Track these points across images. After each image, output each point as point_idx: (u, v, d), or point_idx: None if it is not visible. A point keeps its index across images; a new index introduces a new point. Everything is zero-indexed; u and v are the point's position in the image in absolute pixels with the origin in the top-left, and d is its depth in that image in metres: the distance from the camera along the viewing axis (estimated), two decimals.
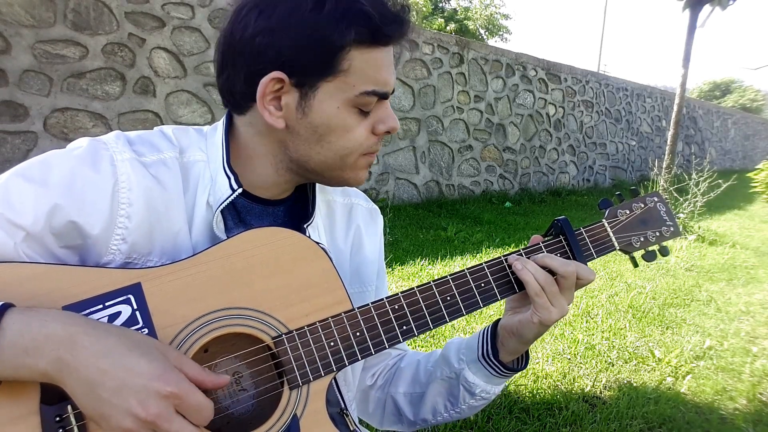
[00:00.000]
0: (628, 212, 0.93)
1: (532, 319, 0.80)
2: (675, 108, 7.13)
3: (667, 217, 0.95)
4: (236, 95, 0.76)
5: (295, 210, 0.87)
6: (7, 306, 0.57)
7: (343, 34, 0.68)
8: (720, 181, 6.23)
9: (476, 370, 0.88)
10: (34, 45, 4.03)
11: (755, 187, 8.69)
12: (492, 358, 0.87)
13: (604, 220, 0.92)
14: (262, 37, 0.70)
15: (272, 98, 0.73)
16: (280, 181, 0.81)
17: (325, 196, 0.91)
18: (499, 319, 0.89)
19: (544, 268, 0.81)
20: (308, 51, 0.69)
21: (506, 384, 2.41)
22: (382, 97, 0.75)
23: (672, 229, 0.94)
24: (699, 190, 6.22)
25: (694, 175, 6.37)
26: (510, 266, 0.84)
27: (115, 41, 4.44)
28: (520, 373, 2.55)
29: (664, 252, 0.94)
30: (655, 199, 0.96)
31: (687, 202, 6.20)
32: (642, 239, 0.93)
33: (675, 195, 6.37)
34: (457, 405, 0.91)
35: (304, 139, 0.75)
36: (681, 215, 6.12)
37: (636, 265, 0.95)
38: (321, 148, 0.75)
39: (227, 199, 0.75)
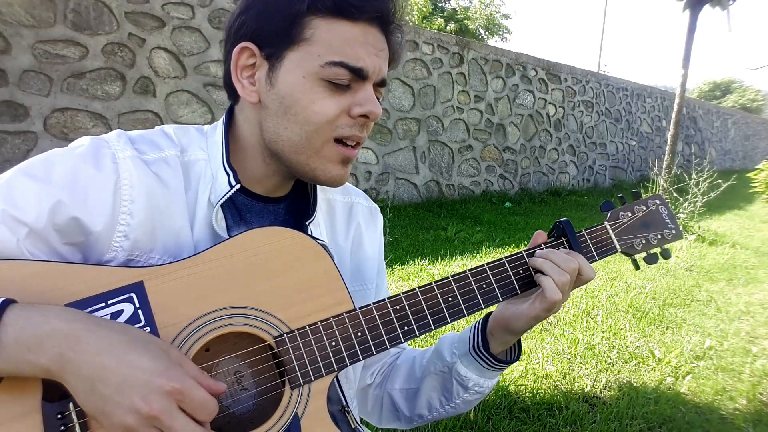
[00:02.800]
0: (630, 215, 0.93)
1: (530, 313, 0.81)
2: (675, 108, 7.14)
3: (669, 220, 0.95)
4: (227, 79, 0.78)
5: (295, 207, 0.87)
6: (9, 302, 0.57)
7: (298, 1, 0.70)
8: (720, 181, 6.23)
9: (468, 363, 0.88)
10: (34, 45, 4.03)
11: (755, 187, 8.69)
12: (483, 351, 0.87)
13: (606, 222, 0.92)
14: (239, 16, 0.75)
15: (248, 74, 0.75)
16: (269, 172, 0.81)
17: (325, 194, 0.92)
18: (490, 312, 0.89)
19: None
20: (270, 20, 0.71)
21: (500, 378, 2.41)
22: (357, 74, 0.71)
23: (674, 232, 0.94)
24: (699, 190, 6.22)
25: (694, 175, 6.37)
26: (513, 265, 0.84)
27: (115, 41, 4.44)
28: (519, 373, 2.56)
29: (666, 255, 0.94)
30: (657, 201, 0.96)
31: (687, 202, 6.21)
32: (644, 242, 0.93)
33: (675, 195, 6.37)
34: (451, 399, 0.91)
35: (273, 113, 0.74)
36: (681, 215, 6.12)
37: (638, 267, 0.95)
38: (288, 123, 0.73)
39: (225, 194, 0.75)
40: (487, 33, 23.47)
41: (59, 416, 0.59)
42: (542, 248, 0.86)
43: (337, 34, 0.70)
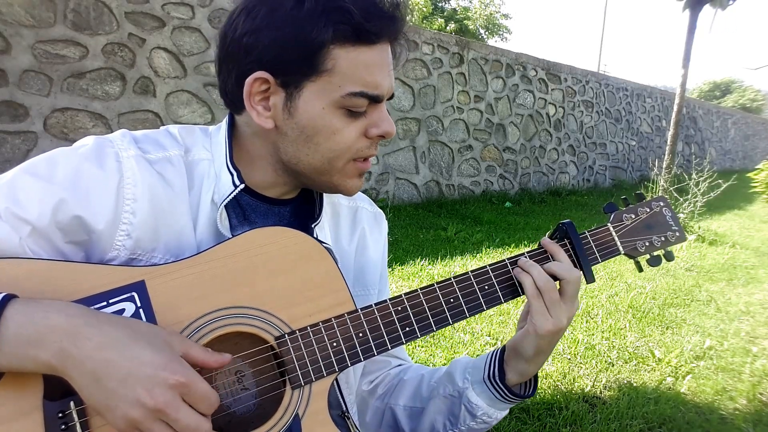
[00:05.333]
0: (633, 216, 0.93)
1: (529, 328, 0.80)
2: (675, 108, 7.13)
3: (672, 222, 0.94)
4: (230, 95, 0.77)
5: (301, 210, 0.87)
6: (10, 297, 0.57)
7: (321, 32, 0.67)
8: (720, 181, 6.23)
9: (480, 392, 0.87)
10: (34, 45, 4.02)
11: (755, 187, 8.69)
12: (498, 381, 0.86)
13: (609, 224, 0.91)
14: (248, 37, 0.70)
15: (261, 99, 0.73)
16: (280, 182, 0.81)
17: (330, 198, 0.91)
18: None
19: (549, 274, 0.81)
20: (289, 50, 0.69)
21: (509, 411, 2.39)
22: (374, 99, 0.73)
23: (678, 234, 0.94)
24: (699, 190, 6.22)
25: (694, 175, 6.37)
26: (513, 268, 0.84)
27: (115, 41, 4.44)
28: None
29: (669, 257, 0.94)
30: (661, 203, 0.95)
31: (687, 202, 6.21)
32: (647, 244, 0.92)
33: (675, 195, 6.37)
34: (456, 425, 0.89)
35: (292, 140, 0.74)
36: (681, 215, 6.12)
37: (641, 269, 0.94)
38: (309, 150, 0.74)
39: (230, 195, 0.75)
40: (487, 33, 23.47)
41: (60, 415, 0.59)
42: (526, 256, 0.85)
43: (357, 62, 0.70)
